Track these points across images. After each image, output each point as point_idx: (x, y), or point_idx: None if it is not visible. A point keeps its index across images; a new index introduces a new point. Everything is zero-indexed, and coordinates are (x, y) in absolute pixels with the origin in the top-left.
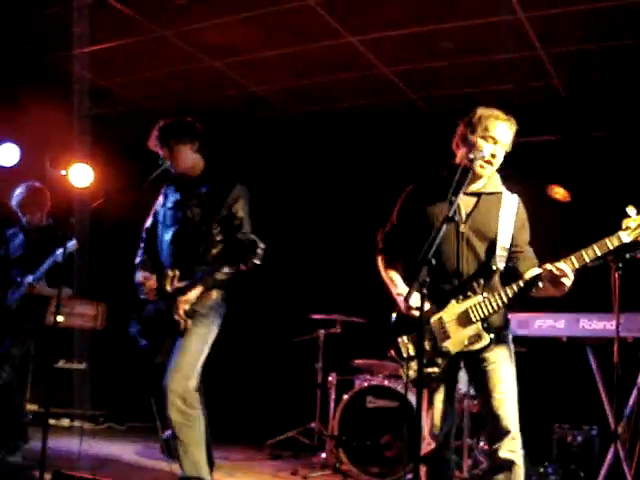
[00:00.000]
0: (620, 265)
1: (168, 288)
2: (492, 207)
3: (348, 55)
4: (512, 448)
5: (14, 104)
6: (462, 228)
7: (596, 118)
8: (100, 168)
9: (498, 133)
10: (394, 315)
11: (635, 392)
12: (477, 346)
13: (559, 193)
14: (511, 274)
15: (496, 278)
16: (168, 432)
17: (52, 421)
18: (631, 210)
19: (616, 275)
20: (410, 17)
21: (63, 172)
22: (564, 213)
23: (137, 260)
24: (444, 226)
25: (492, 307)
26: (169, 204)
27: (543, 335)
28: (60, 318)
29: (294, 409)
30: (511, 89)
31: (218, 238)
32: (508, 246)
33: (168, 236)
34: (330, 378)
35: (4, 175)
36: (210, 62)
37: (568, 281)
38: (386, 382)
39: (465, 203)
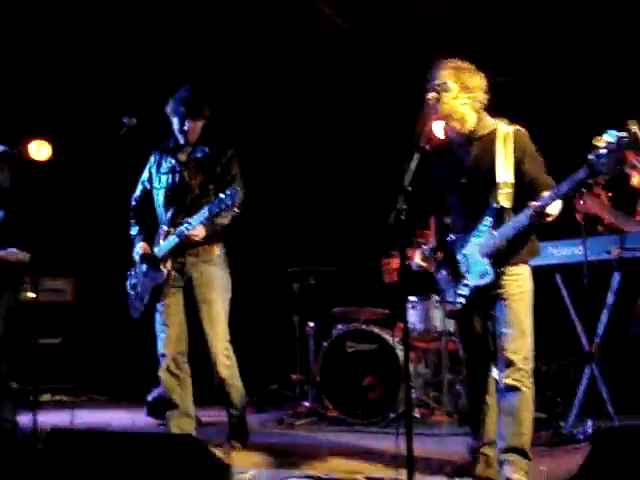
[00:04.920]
0: (584, 190)
1: (162, 242)
2: (486, 148)
3: None
4: (517, 377)
5: None
6: (462, 179)
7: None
8: None
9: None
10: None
11: (606, 312)
12: (484, 281)
13: None
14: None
15: (507, 215)
16: (154, 393)
17: (32, 397)
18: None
19: (580, 201)
20: None
21: None
22: None
23: (133, 232)
24: (416, 155)
25: (494, 243)
26: (163, 169)
27: None
28: (32, 294)
29: (273, 363)
30: None
31: (213, 198)
32: (513, 180)
33: (164, 199)
34: (308, 328)
35: None
36: None
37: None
38: (364, 326)
39: (463, 153)
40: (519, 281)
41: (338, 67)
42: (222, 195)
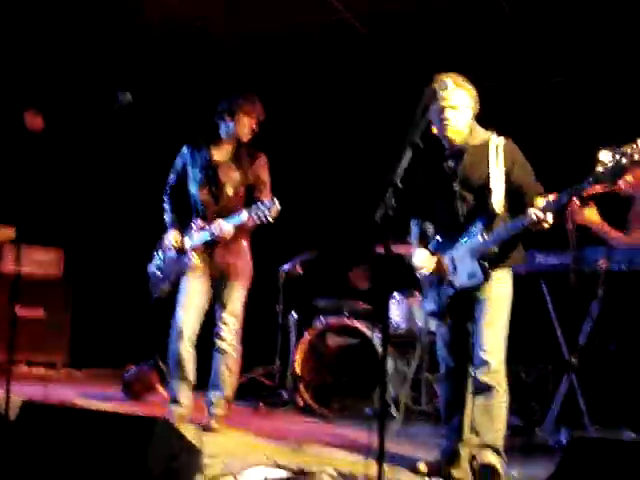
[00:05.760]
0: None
1: (194, 234)
2: (478, 156)
3: None
4: (493, 377)
5: None
6: (454, 185)
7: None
8: None
9: None
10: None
11: (588, 322)
12: (472, 282)
13: None
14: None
15: (499, 221)
16: (131, 371)
17: (7, 368)
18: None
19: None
20: None
21: None
22: None
23: (167, 219)
24: (408, 151)
25: (486, 247)
26: (198, 163)
27: None
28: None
29: (254, 351)
30: None
31: (244, 199)
32: (504, 188)
33: (198, 193)
34: (290, 318)
35: None
36: None
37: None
38: (346, 320)
39: (455, 161)
40: (501, 285)
41: (330, 62)
42: (261, 205)
